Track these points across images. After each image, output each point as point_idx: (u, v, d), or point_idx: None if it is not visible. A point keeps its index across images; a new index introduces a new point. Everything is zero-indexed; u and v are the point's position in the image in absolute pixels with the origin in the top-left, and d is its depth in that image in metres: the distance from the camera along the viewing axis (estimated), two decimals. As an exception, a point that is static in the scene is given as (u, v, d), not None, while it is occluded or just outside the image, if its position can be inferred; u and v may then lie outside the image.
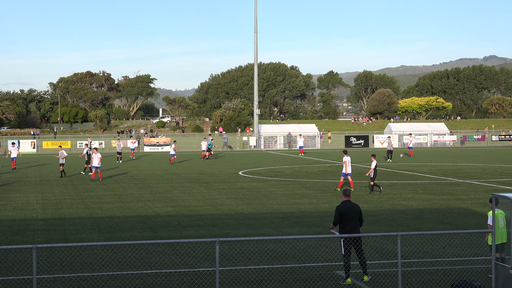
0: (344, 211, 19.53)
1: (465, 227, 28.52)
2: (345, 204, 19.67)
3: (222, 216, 32.23)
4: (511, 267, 16.60)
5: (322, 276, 19.92)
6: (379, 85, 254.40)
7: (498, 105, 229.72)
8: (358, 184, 46.18)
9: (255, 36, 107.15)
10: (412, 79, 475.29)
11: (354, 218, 19.58)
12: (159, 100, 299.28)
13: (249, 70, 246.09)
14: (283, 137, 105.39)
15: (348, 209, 19.58)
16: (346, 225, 19.54)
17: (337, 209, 19.61)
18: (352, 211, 19.58)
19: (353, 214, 19.57)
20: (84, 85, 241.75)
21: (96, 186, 46.52)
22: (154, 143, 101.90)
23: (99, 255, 22.58)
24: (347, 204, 19.67)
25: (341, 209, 19.57)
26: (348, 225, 19.53)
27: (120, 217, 31.97)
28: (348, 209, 19.58)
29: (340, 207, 19.63)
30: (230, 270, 20.65)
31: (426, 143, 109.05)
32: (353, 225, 19.56)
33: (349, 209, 19.59)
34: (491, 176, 51.96)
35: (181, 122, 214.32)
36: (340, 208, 19.59)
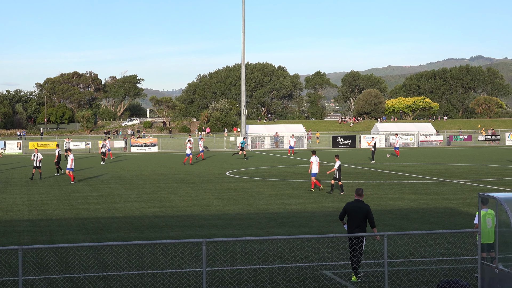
0: (349, 209, 19.81)
1: (452, 227, 28.59)
2: (353, 203, 19.94)
3: (209, 216, 32.21)
4: (496, 266, 16.64)
5: (308, 276, 19.92)
6: (366, 85, 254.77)
7: (484, 105, 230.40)
8: (345, 184, 46.25)
9: (242, 37, 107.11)
10: (399, 79, 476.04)
11: (358, 218, 19.66)
12: (146, 100, 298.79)
13: (237, 70, 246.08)
14: (270, 137, 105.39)
15: (353, 207, 19.78)
16: (350, 223, 19.82)
17: (344, 206, 20.03)
18: (357, 210, 19.72)
19: (358, 214, 19.68)
20: (71, 85, 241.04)
21: (83, 187, 46.40)
22: (141, 143, 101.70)
23: (86, 256, 22.53)
24: (354, 203, 19.90)
25: (347, 206, 19.96)
26: (352, 224, 19.77)
27: (107, 218, 31.90)
28: (354, 208, 19.78)
29: (347, 204, 20.04)
30: (217, 270, 20.64)
31: (412, 143, 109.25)
32: (355, 225, 19.72)
33: (355, 208, 19.76)
34: (478, 176, 52.11)
35: (168, 123, 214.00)
36: (346, 205, 20.00)
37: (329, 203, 36.66)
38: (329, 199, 38.14)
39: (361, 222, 19.67)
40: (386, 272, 16.75)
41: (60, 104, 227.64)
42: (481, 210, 18.44)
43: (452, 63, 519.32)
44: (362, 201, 19.93)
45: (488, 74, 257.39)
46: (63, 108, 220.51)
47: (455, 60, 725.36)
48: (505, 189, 42.33)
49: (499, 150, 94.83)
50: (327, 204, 36.26)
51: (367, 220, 19.67)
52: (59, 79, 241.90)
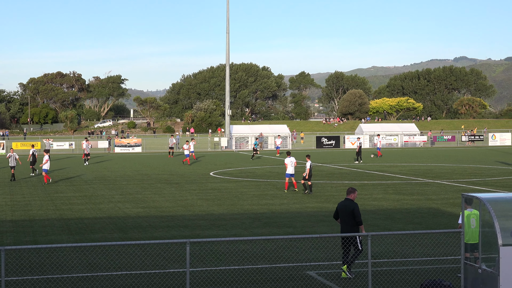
0: (339, 208, 20.21)
1: (435, 227, 28.66)
2: (343, 202, 20.27)
3: (193, 217, 32.17)
4: (479, 266, 16.70)
5: (292, 276, 19.93)
6: (350, 86, 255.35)
7: (468, 106, 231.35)
8: (329, 185, 46.33)
9: (226, 37, 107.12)
10: (383, 80, 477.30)
11: (345, 217, 19.99)
12: (130, 100, 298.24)
13: (221, 70, 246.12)
14: (254, 137, 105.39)
15: (342, 206, 20.14)
16: (341, 222, 20.21)
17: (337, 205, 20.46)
18: (345, 209, 20.03)
19: (345, 212, 19.99)
20: (54, 85, 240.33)
21: (66, 188, 46.26)
22: (125, 143, 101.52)
23: (69, 257, 22.44)
24: (344, 202, 20.22)
25: (338, 205, 20.37)
26: (341, 222, 20.19)
27: (90, 219, 31.81)
28: (342, 206, 20.13)
29: (338, 204, 20.42)
30: (201, 271, 20.62)
31: (396, 144, 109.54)
32: (344, 223, 20.06)
33: (343, 207, 20.10)
34: (461, 176, 52.29)
35: (152, 123, 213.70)
36: (337, 205, 20.40)
37: (313, 203, 36.69)
38: (313, 200, 38.17)
39: (350, 220, 19.92)
40: (370, 272, 16.77)
41: (43, 104, 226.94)
42: (466, 210, 18.51)
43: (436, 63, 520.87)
44: (351, 199, 20.09)
45: (471, 75, 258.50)
46: (46, 108, 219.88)
47: (439, 60, 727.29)
48: (488, 189, 42.50)
49: (483, 150, 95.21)
50: (311, 204, 36.29)
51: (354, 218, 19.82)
52: (42, 79, 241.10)
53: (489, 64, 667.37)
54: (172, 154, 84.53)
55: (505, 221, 16.54)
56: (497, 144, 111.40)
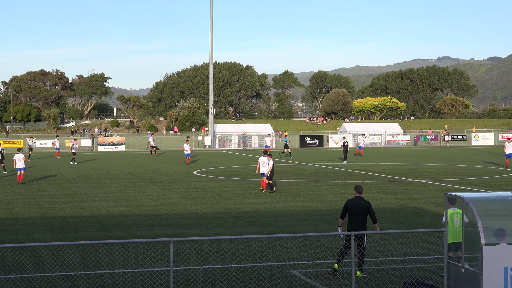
0: (350, 206, 19.97)
1: (418, 226, 28.74)
2: (353, 200, 20.10)
3: (176, 215, 32.14)
4: (462, 266, 16.76)
5: (276, 275, 19.93)
6: (334, 85, 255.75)
7: (451, 106, 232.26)
8: (312, 184, 46.38)
9: (210, 36, 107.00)
10: (366, 79, 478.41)
11: (359, 215, 19.89)
12: (113, 99, 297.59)
13: (205, 69, 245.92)
14: (238, 136, 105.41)
15: (354, 205, 19.97)
16: (352, 220, 19.98)
17: (345, 203, 20.15)
18: (358, 207, 19.93)
19: (359, 211, 19.91)
20: (37, 83, 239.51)
21: (49, 186, 46.10)
22: (108, 142, 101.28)
23: (52, 256, 22.35)
24: (355, 200, 20.07)
25: (347, 203, 20.09)
26: (353, 221, 19.95)
27: (73, 217, 31.71)
28: (355, 205, 19.97)
29: (348, 201, 20.18)
30: (184, 270, 20.59)
31: (380, 143, 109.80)
32: (357, 221, 19.92)
33: (356, 205, 19.96)
34: (444, 175, 52.47)
35: (135, 122, 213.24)
36: (347, 203, 20.13)
37: (297, 202, 36.72)
38: (297, 199, 38.21)
39: (363, 218, 19.94)
40: (353, 271, 16.80)
41: (26, 103, 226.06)
42: (449, 209, 18.59)
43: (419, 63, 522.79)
44: (363, 197, 20.11)
45: (454, 75, 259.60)
46: (29, 107, 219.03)
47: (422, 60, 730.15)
48: (471, 189, 42.66)
49: (466, 150, 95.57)
50: (295, 203, 36.32)
51: (369, 216, 19.99)
52: (25, 77, 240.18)
53: (472, 64, 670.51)
54: (155, 153, 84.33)
55: (488, 221, 16.61)
56: (479, 143, 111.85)
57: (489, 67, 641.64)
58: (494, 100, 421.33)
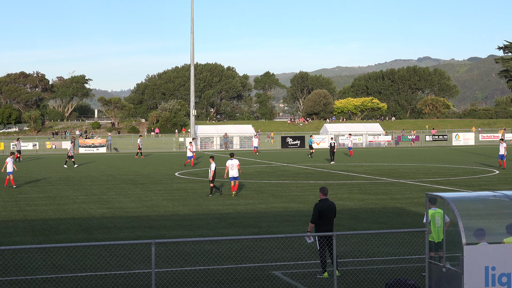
0: (323, 209, 19.92)
1: (400, 226, 28.83)
2: (323, 203, 20.06)
3: (158, 217, 32.08)
4: (444, 265, 16.83)
5: (258, 276, 19.94)
6: (315, 86, 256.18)
7: (432, 106, 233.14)
8: (294, 185, 46.43)
9: (191, 37, 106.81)
10: (347, 80, 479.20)
11: (331, 216, 20.04)
12: (94, 101, 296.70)
13: (186, 70, 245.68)
14: (219, 137, 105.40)
15: (326, 207, 19.97)
16: (323, 222, 19.97)
17: (315, 207, 20.01)
18: (330, 209, 20.01)
19: (331, 212, 20.02)
20: (17, 86, 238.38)
21: (30, 188, 45.90)
22: (89, 144, 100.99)
23: (33, 258, 22.26)
24: (325, 203, 20.05)
25: (319, 207, 19.97)
26: (325, 223, 19.96)
27: (55, 220, 31.60)
28: (326, 207, 19.98)
29: (319, 205, 20.04)
30: (166, 271, 20.57)
31: (361, 143, 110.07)
32: (329, 223, 20.01)
33: (327, 207, 19.98)
34: (425, 175, 52.65)
35: (116, 123, 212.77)
36: (318, 206, 19.99)
37: (279, 203, 36.75)
38: (279, 200, 38.23)
39: (332, 219, 20.14)
40: (335, 272, 16.83)
41: (6, 105, 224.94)
42: (430, 209, 18.66)
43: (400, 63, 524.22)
44: (328, 199, 20.19)
45: (435, 75, 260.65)
46: (9, 109, 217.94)
47: (402, 61, 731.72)
48: (452, 188, 42.85)
49: (446, 150, 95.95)
50: (277, 204, 36.35)
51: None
52: (5, 79, 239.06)
53: (453, 64, 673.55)
54: (141, 155, 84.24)
55: (469, 220, 16.69)
56: (460, 143, 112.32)
57: (470, 67, 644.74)
58: (474, 100, 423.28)
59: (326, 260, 20.04)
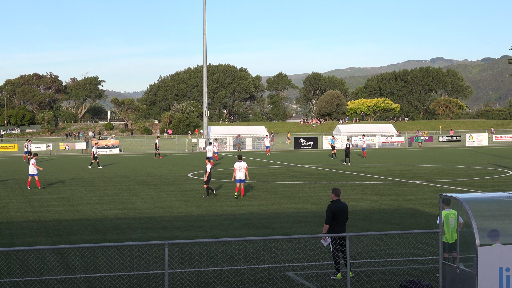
0: (336, 210, 19.94)
1: (413, 227, 28.76)
2: (336, 204, 20.08)
3: (171, 218, 32.11)
4: (457, 266, 16.78)
5: (271, 277, 19.93)
6: (328, 87, 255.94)
7: (445, 106, 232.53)
8: (307, 186, 46.38)
9: (204, 38, 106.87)
10: (360, 80, 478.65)
11: (343, 217, 20.08)
12: (107, 102, 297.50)
13: (198, 72, 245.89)
14: (232, 138, 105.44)
15: (339, 208, 20.00)
16: (336, 223, 19.99)
17: (329, 208, 20.01)
18: (343, 210, 20.06)
19: (343, 213, 20.06)
20: (31, 87, 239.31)
21: (44, 190, 46.02)
22: (103, 145, 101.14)
23: (47, 259, 22.32)
24: (338, 204, 20.08)
25: (333, 208, 19.98)
26: (338, 224, 19.99)
27: (68, 220, 31.67)
28: (340, 208, 20.01)
29: (332, 206, 20.04)
30: (180, 272, 20.58)
31: (374, 144, 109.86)
32: (342, 224, 20.06)
33: (340, 208, 20.02)
34: (438, 176, 52.50)
35: (130, 124, 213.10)
36: (332, 207, 20.00)
37: (292, 204, 36.72)
38: (292, 201, 38.20)
39: (345, 220, 20.20)
40: (349, 273, 16.80)
41: (20, 106, 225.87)
42: (444, 210, 18.62)
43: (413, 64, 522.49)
44: (340, 200, 20.22)
45: (448, 76, 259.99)
46: (23, 110, 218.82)
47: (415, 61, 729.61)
48: (465, 189, 42.70)
49: (460, 151, 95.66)
50: (290, 205, 36.32)
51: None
52: (19, 81, 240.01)
53: (466, 65, 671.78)
54: (159, 155, 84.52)
55: (483, 221, 16.63)
56: (474, 144, 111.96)
57: (483, 67, 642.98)
58: (488, 100, 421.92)
59: (340, 261, 20.01)
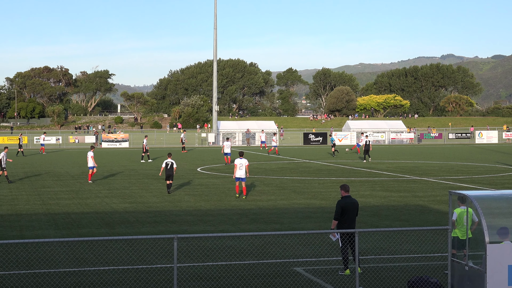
0: (345, 206, 19.94)
1: (422, 224, 28.71)
2: (346, 199, 20.09)
3: (180, 212, 32.14)
4: (466, 263, 16.75)
5: (280, 272, 19.94)
6: (337, 83, 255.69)
7: (455, 103, 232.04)
8: (316, 181, 46.37)
9: (214, 33, 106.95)
10: (370, 77, 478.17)
11: (353, 213, 20.06)
12: (117, 95, 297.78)
13: (208, 66, 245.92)
14: (241, 133, 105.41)
15: (349, 204, 20.00)
16: (345, 219, 19.97)
17: (338, 204, 20.01)
18: (353, 206, 20.04)
19: (353, 209, 20.05)
20: (41, 80, 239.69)
21: (53, 182, 46.12)
22: (112, 139, 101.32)
23: (56, 252, 22.37)
24: (347, 199, 20.08)
25: (342, 204, 19.98)
26: (347, 220, 19.97)
27: (77, 213, 31.74)
28: (350, 204, 20.01)
29: (342, 202, 20.05)
30: (188, 266, 20.60)
31: (384, 141, 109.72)
32: (352, 220, 20.03)
33: (350, 204, 20.02)
34: (448, 173, 52.41)
35: (139, 118, 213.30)
36: (341, 203, 20.00)
37: (300, 199, 36.71)
38: (301, 196, 38.19)
39: (355, 216, 20.15)
40: (357, 269, 16.79)
41: (30, 99, 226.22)
42: (458, 208, 18.58)
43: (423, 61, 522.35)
44: (350, 196, 20.19)
45: (458, 73, 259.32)
46: (33, 103, 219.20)
47: (426, 58, 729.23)
48: (475, 187, 42.63)
49: (469, 148, 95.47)
50: (299, 201, 36.31)
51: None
52: (29, 74, 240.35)
53: (476, 62, 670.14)
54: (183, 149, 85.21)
55: (492, 219, 16.59)
56: (483, 141, 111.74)
57: (493, 65, 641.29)
58: (498, 98, 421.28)
59: (348, 257, 20.00)
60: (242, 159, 37.72)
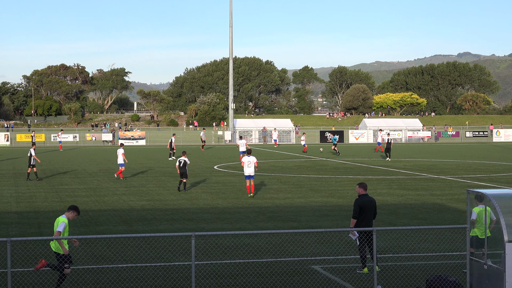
0: (363, 205, 19.89)
1: (440, 222, 28.64)
2: (364, 198, 20.04)
3: (197, 210, 32.18)
4: (485, 262, 16.69)
5: (297, 270, 19.94)
6: (354, 81, 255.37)
7: (472, 102, 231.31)
8: (333, 179, 46.31)
9: (230, 31, 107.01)
10: (386, 75, 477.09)
11: (371, 212, 20.02)
12: (133, 93, 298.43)
13: (224, 64, 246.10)
14: (258, 131, 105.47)
15: (367, 202, 19.96)
16: (363, 218, 19.94)
17: (356, 202, 19.95)
18: (371, 204, 20.00)
19: (371, 208, 20.01)
20: (58, 78, 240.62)
21: (71, 180, 46.28)
22: (129, 136, 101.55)
23: (74, 249, 22.40)
24: (365, 198, 20.04)
25: (360, 202, 19.93)
26: (365, 218, 19.94)
27: (95, 211, 31.83)
28: (368, 202, 19.97)
29: (359, 200, 19.99)
30: (206, 264, 20.63)
31: (400, 139, 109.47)
32: (369, 218, 20.00)
33: (368, 202, 19.98)
34: (465, 172, 52.23)
35: (155, 116, 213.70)
36: (359, 202, 19.95)
37: (318, 198, 36.68)
38: (318, 194, 38.16)
39: (372, 215, 20.12)
40: (375, 267, 16.76)
41: (47, 97, 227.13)
42: (477, 206, 18.52)
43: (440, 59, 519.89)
44: (368, 194, 20.17)
45: (475, 71, 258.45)
46: (50, 101, 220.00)
47: (442, 56, 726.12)
48: (493, 185, 42.45)
49: (487, 146, 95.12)
50: (316, 199, 36.29)
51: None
52: (46, 71, 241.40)
53: (493, 60, 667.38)
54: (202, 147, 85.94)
55: (511, 217, 16.50)
56: (501, 140, 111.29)
57: (510, 63, 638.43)
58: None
59: (366, 255, 19.97)
60: (250, 157, 37.69)
